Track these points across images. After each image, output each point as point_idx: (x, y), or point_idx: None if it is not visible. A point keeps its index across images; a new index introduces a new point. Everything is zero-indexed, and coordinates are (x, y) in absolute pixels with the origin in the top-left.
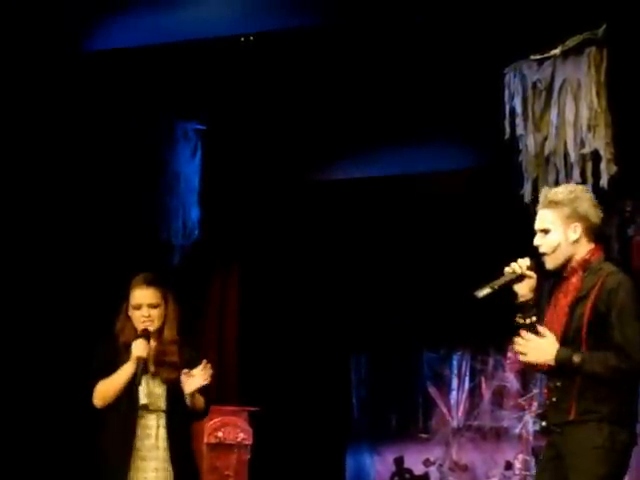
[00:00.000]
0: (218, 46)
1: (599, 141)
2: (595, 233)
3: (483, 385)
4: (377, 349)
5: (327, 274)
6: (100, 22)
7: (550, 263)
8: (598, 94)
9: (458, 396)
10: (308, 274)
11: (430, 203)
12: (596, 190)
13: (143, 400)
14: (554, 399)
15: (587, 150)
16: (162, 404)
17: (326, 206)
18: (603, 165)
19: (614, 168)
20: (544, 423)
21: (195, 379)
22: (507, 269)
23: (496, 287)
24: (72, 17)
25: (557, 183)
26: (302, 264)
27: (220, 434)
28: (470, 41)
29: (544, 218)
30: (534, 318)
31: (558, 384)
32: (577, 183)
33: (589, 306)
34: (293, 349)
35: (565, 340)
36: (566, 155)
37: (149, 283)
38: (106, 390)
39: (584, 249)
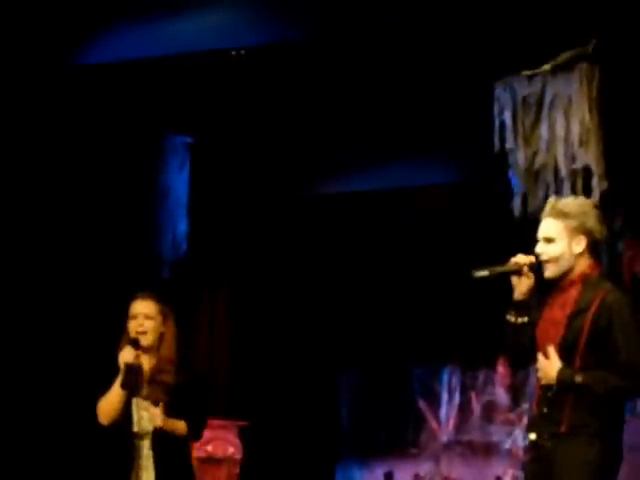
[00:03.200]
0: (207, 60)
1: (590, 157)
2: (596, 249)
3: (473, 400)
4: (366, 364)
5: (316, 288)
6: (87, 36)
7: (550, 271)
8: (590, 110)
9: (448, 411)
10: (297, 288)
11: (419, 218)
12: None
13: (135, 427)
14: (545, 410)
15: (578, 165)
16: (149, 426)
17: (315, 221)
18: (594, 181)
19: (605, 184)
20: (532, 436)
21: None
22: (511, 260)
23: (493, 273)
24: (60, 32)
25: (547, 198)
26: (291, 278)
27: (209, 448)
28: (460, 57)
29: (550, 227)
30: (526, 319)
31: (549, 395)
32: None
33: (589, 319)
34: (283, 363)
35: (562, 351)
36: (556, 170)
37: (148, 296)
38: (104, 406)
39: (585, 263)
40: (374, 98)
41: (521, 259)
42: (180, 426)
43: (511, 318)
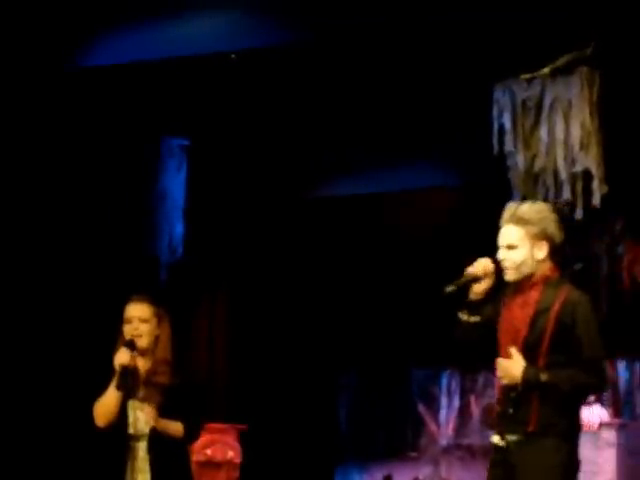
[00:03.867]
0: (205, 63)
1: (591, 160)
2: (556, 252)
3: (472, 403)
4: (365, 367)
5: (315, 291)
6: (87, 39)
7: (511, 276)
8: (590, 113)
9: (447, 414)
10: (296, 291)
11: (419, 220)
12: (586, 208)
13: (130, 429)
14: (510, 411)
15: (578, 169)
16: (145, 428)
17: (313, 224)
18: (595, 184)
19: (605, 187)
20: (495, 437)
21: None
22: (468, 269)
23: (459, 285)
24: (60, 34)
25: (546, 201)
26: (289, 281)
27: (209, 452)
28: (459, 59)
29: (510, 234)
30: (478, 318)
31: (513, 395)
32: (567, 201)
33: (552, 318)
34: (282, 367)
35: (524, 351)
36: (556, 173)
37: (143, 299)
38: (100, 408)
39: (546, 266)
40: (373, 100)
41: (476, 270)
42: (174, 427)
43: (463, 317)
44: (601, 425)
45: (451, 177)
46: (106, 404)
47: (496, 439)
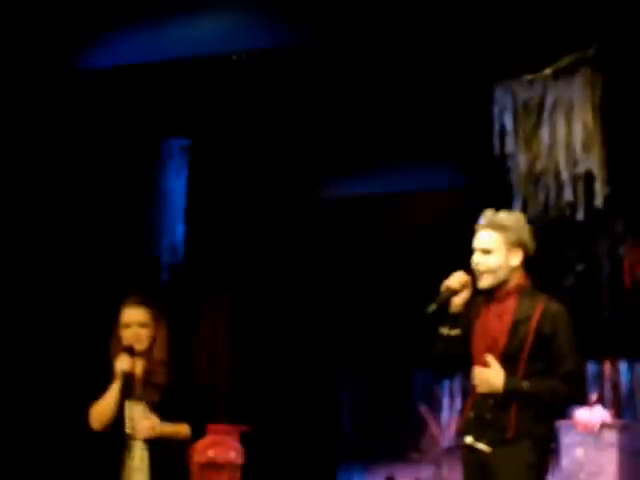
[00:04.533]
0: (205, 64)
1: (593, 161)
2: (528, 262)
3: None
4: (368, 368)
5: (317, 291)
6: (88, 41)
7: (485, 282)
8: (593, 115)
9: (449, 415)
10: (298, 292)
11: (420, 222)
12: (588, 209)
13: (127, 429)
14: (488, 417)
15: (581, 170)
16: (142, 428)
17: (315, 224)
18: (597, 185)
19: (607, 189)
20: (469, 440)
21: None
22: (444, 284)
23: (439, 303)
24: (61, 36)
25: (547, 202)
26: (292, 282)
27: (211, 453)
28: (460, 60)
29: (487, 239)
30: (459, 331)
31: (491, 402)
32: (569, 202)
33: (532, 327)
34: (284, 368)
35: (504, 360)
36: (557, 174)
37: (140, 302)
38: (98, 411)
39: (519, 274)
40: (374, 101)
41: (453, 283)
42: (173, 429)
43: (445, 331)
44: (603, 426)
45: (452, 178)
46: (104, 407)
47: (471, 441)
